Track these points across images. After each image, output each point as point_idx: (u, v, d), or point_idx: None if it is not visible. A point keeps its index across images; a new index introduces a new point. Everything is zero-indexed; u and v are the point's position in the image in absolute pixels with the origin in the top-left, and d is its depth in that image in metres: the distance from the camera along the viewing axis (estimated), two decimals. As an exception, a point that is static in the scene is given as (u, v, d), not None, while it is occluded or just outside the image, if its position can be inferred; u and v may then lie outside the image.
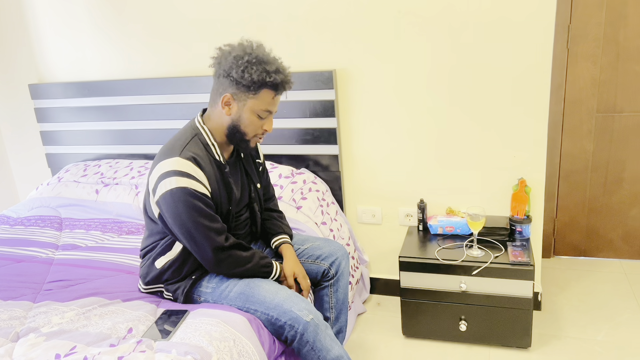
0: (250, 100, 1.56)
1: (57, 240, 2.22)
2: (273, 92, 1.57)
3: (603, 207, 2.69)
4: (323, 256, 1.83)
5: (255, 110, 1.57)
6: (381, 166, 2.41)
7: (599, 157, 2.62)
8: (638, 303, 2.37)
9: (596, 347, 2.10)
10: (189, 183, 1.50)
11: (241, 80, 1.53)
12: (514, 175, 2.23)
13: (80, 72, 2.78)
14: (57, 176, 2.73)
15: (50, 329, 1.48)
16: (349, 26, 2.24)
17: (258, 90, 1.54)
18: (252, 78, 1.52)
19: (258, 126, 1.60)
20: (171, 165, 1.51)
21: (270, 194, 1.91)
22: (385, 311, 2.47)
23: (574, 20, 2.44)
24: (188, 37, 2.51)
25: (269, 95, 1.56)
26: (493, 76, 2.13)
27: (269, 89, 1.55)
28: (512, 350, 2.13)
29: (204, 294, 1.64)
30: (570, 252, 2.83)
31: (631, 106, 2.50)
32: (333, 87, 2.30)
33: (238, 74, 1.52)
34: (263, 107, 1.57)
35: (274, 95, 1.57)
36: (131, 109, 2.68)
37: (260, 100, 1.56)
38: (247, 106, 1.56)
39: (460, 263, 2.06)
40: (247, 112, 1.57)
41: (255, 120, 1.59)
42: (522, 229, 2.16)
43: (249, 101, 1.56)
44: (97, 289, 1.73)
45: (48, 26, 2.74)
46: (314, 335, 1.52)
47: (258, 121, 1.59)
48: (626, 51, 2.42)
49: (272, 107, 1.60)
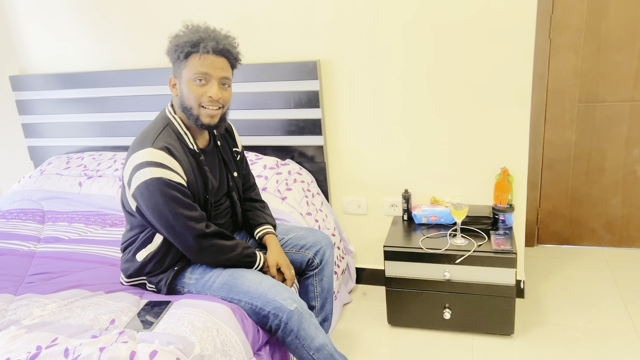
0: (184, 71, 1.55)
1: (40, 233, 2.20)
2: (197, 54, 1.53)
3: (585, 196, 2.72)
4: (307, 246, 1.83)
5: (189, 78, 1.54)
6: (366, 157, 2.42)
7: (581, 147, 2.64)
8: (619, 290, 2.41)
9: (577, 333, 2.14)
10: (163, 173, 1.48)
11: (173, 54, 1.55)
12: (496, 164, 2.25)
13: (63, 64, 2.74)
14: (40, 169, 2.70)
15: (32, 321, 1.47)
16: (332, 17, 2.24)
17: (186, 58, 1.54)
18: (177, 47, 1.53)
19: (199, 94, 1.54)
20: (144, 157, 1.49)
21: (250, 182, 1.91)
22: (371, 301, 2.49)
23: (556, 10, 2.45)
24: (171, 28, 2.48)
25: (196, 58, 1.53)
26: (476, 67, 2.14)
27: (193, 52, 1.53)
28: (495, 337, 2.15)
29: (187, 285, 1.63)
30: (554, 240, 2.86)
31: (612, 96, 2.52)
32: (317, 78, 2.29)
33: (171, 51, 1.55)
34: (194, 71, 1.53)
35: (199, 57, 1.52)
36: (114, 101, 2.65)
37: (190, 67, 1.53)
38: (183, 78, 1.55)
39: (444, 252, 2.08)
40: (184, 84, 1.55)
41: (196, 89, 1.54)
42: (505, 217, 2.18)
43: (183, 73, 1.55)
44: (79, 281, 1.72)
45: (28, 17, 2.70)
46: (298, 324, 1.53)
47: (198, 89, 1.54)
48: (607, 41, 2.45)
49: (204, 68, 1.52)
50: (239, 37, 2.39)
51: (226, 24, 2.39)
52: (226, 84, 1.59)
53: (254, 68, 2.36)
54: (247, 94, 2.41)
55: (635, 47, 2.42)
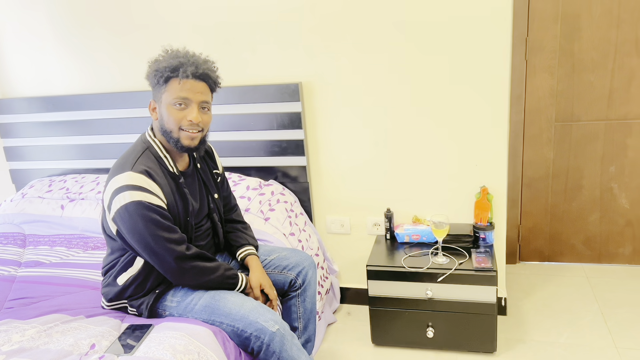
0: (164, 95, 1.56)
1: (20, 258, 2.18)
2: (177, 79, 1.55)
3: (564, 213, 2.77)
4: (290, 266, 1.84)
5: (169, 102, 1.55)
6: (349, 176, 2.44)
7: (559, 165, 2.70)
8: (599, 306, 2.45)
9: (559, 349, 2.16)
10: (143, 196, 1.49)
11: (153, 79, 1.56)
12: (476, 183, 2.29)
13: (45, 87, 2.74)
14: (21, 192, 2.68)
15: (10, 347, 1.45)
16: (314, 39, 2.28)
17: (166, 82, 1.55)
18: (157, 72, 1.55)
19: (179, 118, 1.55)
20: (124, 180, 1.50)
21: (231, 204, 1.92)
22: (356, 320, 2.49)
23: (531, 33, 2.53)
24: (152, 51, 2.51)
25: (175, 82, 1.55)
26: (455, 88, 2.19)
27: (173, 77, 1.55)
28: (478, 355, 2.16)
29: (169, 308, 1.63)
30: (535, 257, 2.90)
31: (587, 115, 2.59)
32: (299, 100, 2.33)
33: (151, 76, 1.57)
34: (174, 95, 1.54)
35: (179, 82, 1.55)
36: (97, 124, 2.65)
37: (170, 91, 1.55)
38: (162, 102, 1.57)
39: (426, 270, 2.10)
40: (164, 108, 1.57)
41: (175, 112, 1.55)
42: (485, 235, 2.21)
43: (162, 97, 1.57)
44: (59, 306, 1.70)
45: (10, 40, 2.71)
46: (280, 346, 1.53)
47: (178, 113, 1.55)
48: (581, 62, 2.52)
49: (184, 93, 1.54)
50: (221, 59, 2.42)
51: (208, 47, 2.42)
52: (206, 108, 1.61)
53: (237, 90, 2.39)
54: (231, 115, 2.43)
55: (607, 68, 2.50)
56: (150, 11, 2.44)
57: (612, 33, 2.45)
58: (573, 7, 2.45)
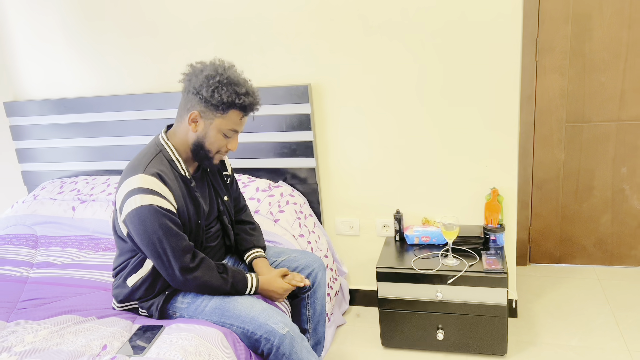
0: (218, 119, 1.57)
1: (32, 259, 2.20)
2: (241, 113, 1.59)
3: (575, 215, 2.75)
4: (299, 268, 1.84)
5: (221, 129, 1.59)
6: (358, 178, 2.44)
7: (569, 166, 2.68)
8: (611, 308, 2.43)
9: (570, 352, 2.14)
10: (153, 200, 1.50)
11: (210, 99, 1.54)
12: (486, 185, 2.28)
13: (56, 90, 2.77)
14: (33, 194, 2.70)
15: (23, 348, 1.47)
16: (323, 41, 2.28)
17: (226, 110, 1.56)
18: (221, 98, 1.53)
19: (223, 144, 1.62)
20: (136, 183, 1.51)
21: (240, 205, 1.93)
22: (365, 322, 2.49)
23: (542, 33, 2.51)
24: (163, 54, 2.52)
25: (236, 116, 1.58)
26: (465, 89, 2.18)
27: (237, 110, 1.57)
28: (489, 357, 2.15)
29: (179, 310, 1.64)
30: (546, 259, 2.88)
31: (598, 116, 2.57)
32: (309, 101, 2.33)
33: (208, 93, 1.54)
34: (230, 127, 1.59)
35: (241, 117, 1.60)
36: (108, 126, 2.67)
37: (227, 120, 1.58)
38: (213, 124, 1.58)
39: (436, 272, 2.09)
40: (214, 131, 1.59)
41: (221, 139, 1.61)
42: (495, 237, 2.20)
43: (216, 120, 1.58)
44: (71, 307, 1.72)
45: (22, 43, 2.74)
46: (290, 348, 1.53)
47: (223, 140, 1.61)
48: (592, 63, 2.50)
49: (239, 127, 1.62)
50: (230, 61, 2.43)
51: (218, 50, 2.43)
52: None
53: (246, 92, 2.39)
54: (240, 117, 2.44)
55: (619, 68, 2.48)
56: (161, 14, 2.46)
57: (624, 33, 2.43)
58: (584, 7, 2.43)
